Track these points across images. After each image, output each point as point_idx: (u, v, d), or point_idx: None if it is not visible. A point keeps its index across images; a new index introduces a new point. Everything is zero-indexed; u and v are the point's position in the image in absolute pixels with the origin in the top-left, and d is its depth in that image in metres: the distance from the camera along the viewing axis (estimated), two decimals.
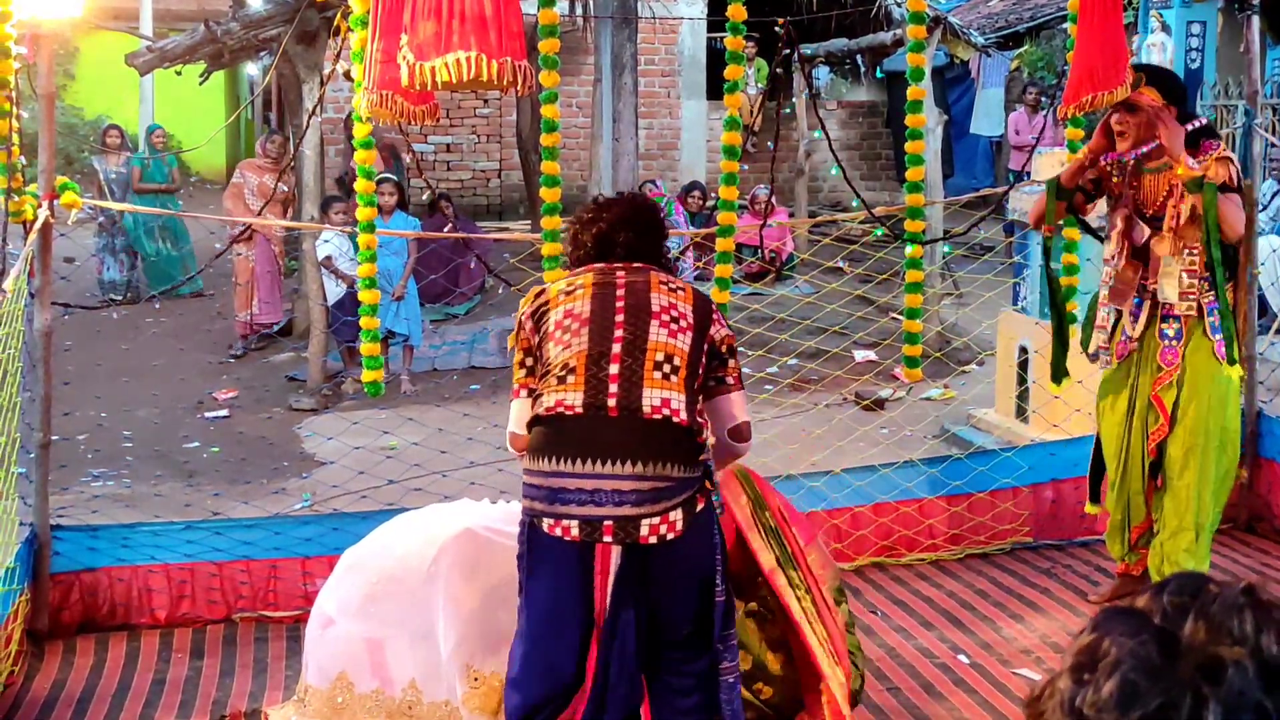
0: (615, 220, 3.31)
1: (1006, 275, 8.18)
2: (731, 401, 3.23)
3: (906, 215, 5.05)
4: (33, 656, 4.51)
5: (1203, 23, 11.38)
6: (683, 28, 14.99)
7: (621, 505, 2.99)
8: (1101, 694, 0.77)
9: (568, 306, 3.16)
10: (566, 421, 3.04)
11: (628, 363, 3.06)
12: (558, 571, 3.05)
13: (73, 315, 8.26)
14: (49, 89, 4.60)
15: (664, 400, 3.05)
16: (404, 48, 3.17)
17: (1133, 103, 4.28)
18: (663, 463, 3.01)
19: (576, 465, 3.00)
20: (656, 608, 3.09)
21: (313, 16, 9.03)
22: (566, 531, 3.01)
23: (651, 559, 3.04)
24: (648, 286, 3.20)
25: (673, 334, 3.12)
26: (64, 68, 19.24)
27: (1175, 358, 4.38)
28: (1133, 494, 4.56)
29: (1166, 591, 0.82)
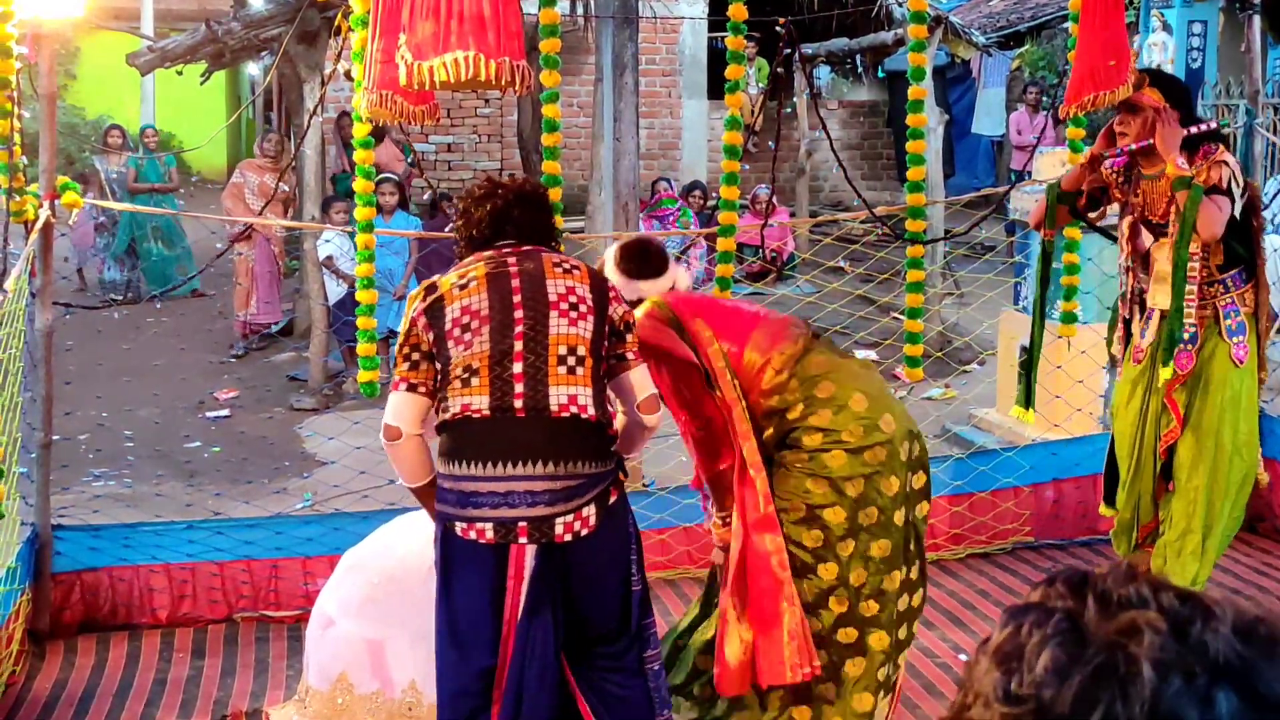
0: (510, 197, 3.25)
1: (1007, 275, 8.17)
2: (636, 376, 3.20)
3: (907, 215, 5.06)
4: (34, 656, 4.51)
5: (1204, 22, 11.38)
6: (684, 27, 14.99)
7: (535, 506, 2.99)
8: (1036, 671, 0.77)
9: (464, 303, 3.08)
10: (474, 425, 3.02)
11: (530, 360, 3.04)
12: (474, 576, 3.03)
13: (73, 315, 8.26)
14: (50, 89, 4.60)
15: (571, 397, 3.04)
16: (402, 47, 3.17)
17: (1134, 103, 4.27)
18: (573, 461, 3.02)
19: (487, 469, 2.99)
20: (576, 606, 3.09)
21: (313, 16, 9.03)
22: (481, 534, 3.00)
23: (567, 557, 3.04)
24: (542, 272, 3.13)
25: (573, 322, 3.08)
26: (65, 68, 19.24)
27: (1190, 360, 4.33)
28: (1143, 493, 4.54)
29: (1057, 582, 0.83)
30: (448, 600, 3.07)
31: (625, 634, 3.17)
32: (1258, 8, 6.35)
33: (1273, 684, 0.75)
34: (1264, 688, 0.75)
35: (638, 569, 3.19)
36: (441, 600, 3.10)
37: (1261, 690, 0.75)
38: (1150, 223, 4.36)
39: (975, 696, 0.81)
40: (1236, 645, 0.76)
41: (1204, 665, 0.75)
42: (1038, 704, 0.77)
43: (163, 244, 12.18)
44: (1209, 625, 0.77)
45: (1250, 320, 4.34)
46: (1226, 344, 4.30)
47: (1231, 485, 4.37)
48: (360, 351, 4.77)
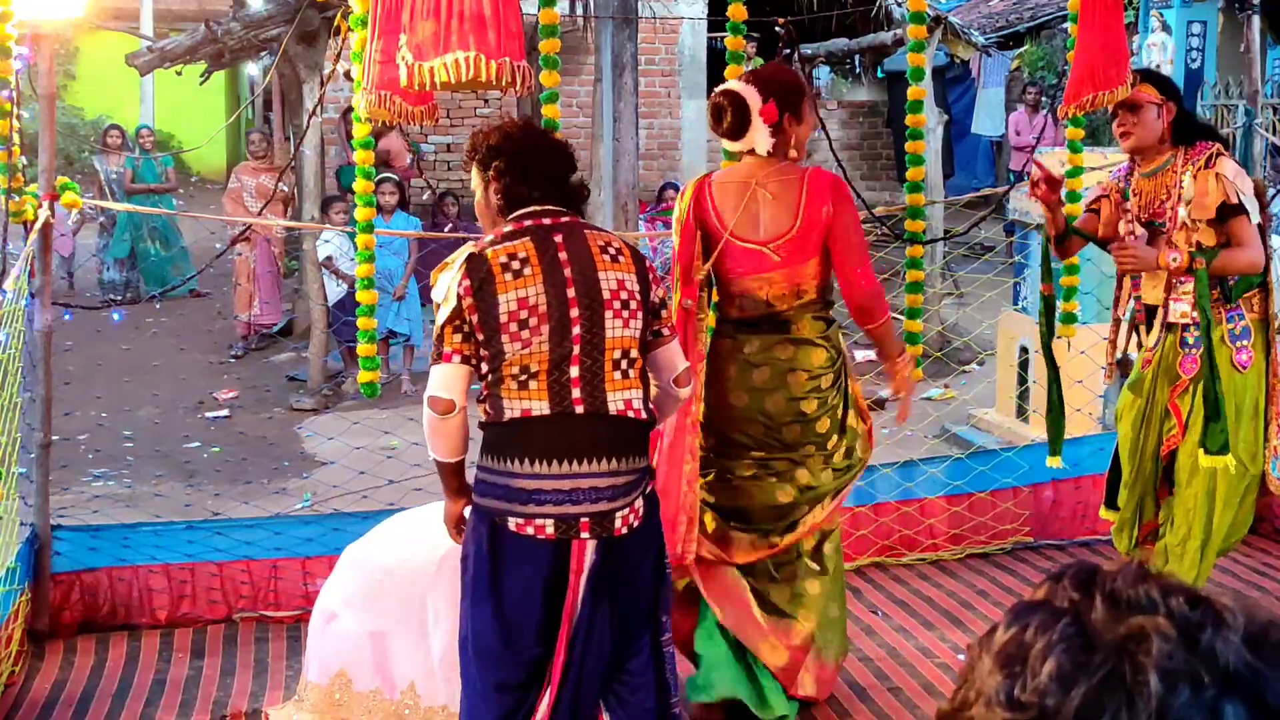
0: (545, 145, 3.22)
1: (1007, 275, 8.18)
2: (671, 351, 3.24)
3: (907, 215, 5.06)
4: (33, 656, 4.51)
5: (1203, 22, 11.39)
6: (683, 28, 14.99)
7: (598, 502, 3.02)
8: (1041, 678, 0.76)
9: (519, 294, 3.01)
10: (534, 424, 3.02)
11: (587, 364, 3.04)
12: (528, 570, 3.03)
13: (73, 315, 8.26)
14: (49, 89, 4.60)
15: (627, 401, 3.07)
16: (403, 48, 3.17)
17: (1132, 101, 4.25)
18: (630, 456, 3.07)
19: (552, 466, 3.00)
20: (621, 594, 3.11)
21: (313, 16, 9.03)
22: (540, 530, 3.00)
23: (619, 550, 3.07)
24: (591, 260, 3.09)
25: (626, 323, 3.09)
26: (64, 68, 19.25)
27: (1195, 365, 4.27)
28: (1145, 494, 4.49)
29: (1065, 579, 0.82)
30: (494, 593, 3.05)
31: (655, 619, 3.22)
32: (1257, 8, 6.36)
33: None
34: (1273, 699, 0.73)
35: (665, 553, 3.27)
36: (484, 594, 3.06)
37: (1270, 701, 0.73)
38: (1144, 222, 4.32)
39: (977, 695, 0.80)
40: (1246, 655, 0.75)
41: (1213, 675, 0.73)
42: (1040, 712, 0.76)
43: (159, 245, 12.18)
44: (1220, 633, 0.75)
45: (1258, 326, 4.26)
46: (1228, 349, 4.23)
47: (1233, 493, 4.30)
48: (360, 352, 4.76)
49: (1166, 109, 4.22)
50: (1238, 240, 4.14)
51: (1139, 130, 4.24)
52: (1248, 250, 4.13)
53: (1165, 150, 4.25)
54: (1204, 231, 4.16)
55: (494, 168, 3.17)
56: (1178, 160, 4.22)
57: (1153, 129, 4.22)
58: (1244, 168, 4.48)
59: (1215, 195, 4.10)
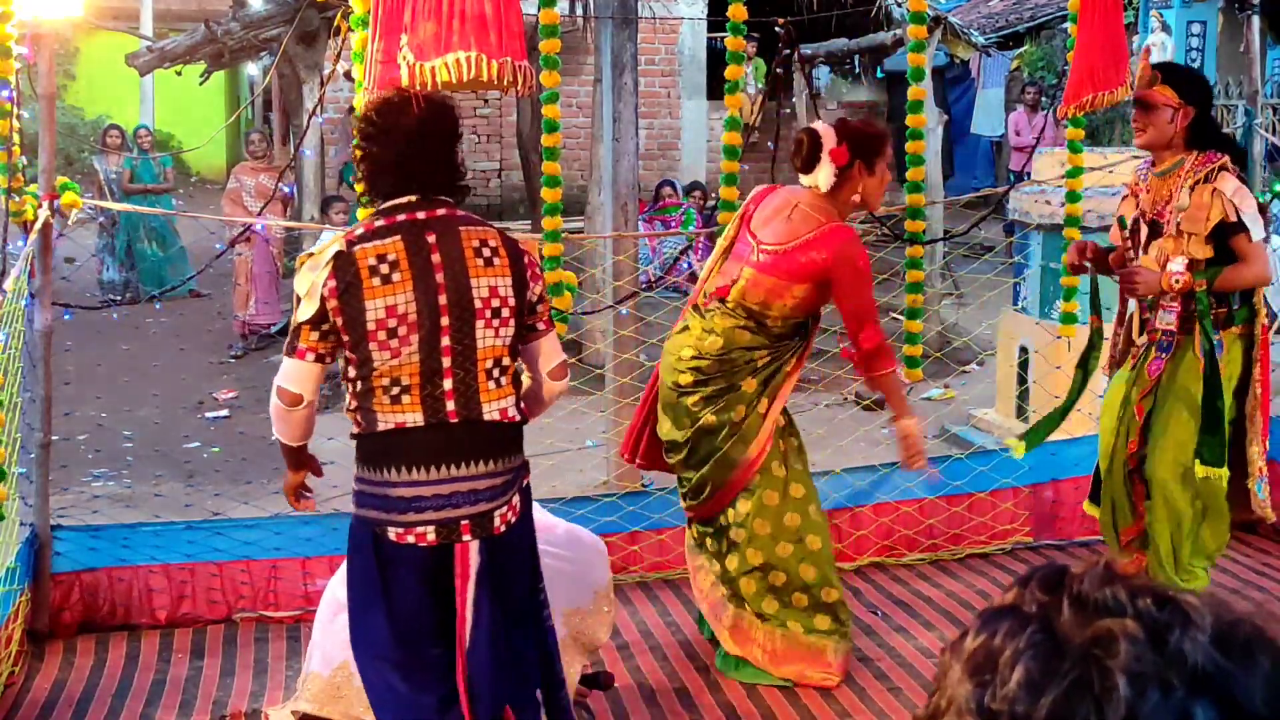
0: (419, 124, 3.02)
1: (1006, 275, 8.17)
2: (547, 345, 3.21)
3: (906, 215, 5.06)
4: (33, 656, 4.51)
5: (1203, 23, 11.38)
6: (683, 28, 14.99)
7: (477, 503, 3.02)
8: (1010, 686, 0.76)
9: (388, 301, 2.94)
10: (409, 434, 3.00)
11: (460, 375, 3.00)
12: (410, 577, 3.03)
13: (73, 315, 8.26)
14: (49, 89, 4.59)
15: (501, 410, 3.06)
16: (404, 48, 3.17)
17: (1147, 101, 4.17)
18: (506, 456, 3.08)
19: (430, 473, 2.98)
20: (505, 590, 3.13)
21: (313, 16, 9.03)
22: (421, 538, 2.99)
23: (500, 547, 3.09)
24: (464, 264, 3.00)
25: (497, 332, 3.05)
26: (64, 68, 19.25)
27: (1158, 369, 4.26)
28: (1116, 496, 4.46)
29: (1033, 583, 0.82)
30: (385, 600, 3.05)
31: (534, 601, 3.26)
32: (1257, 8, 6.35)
33: (1252, 695, 0.74)
34: (1243, 699, 0.73)
35: (535, 539, 3.29)
36: (375, 601, 3.06)
37: (1240, 700, 0.73)
38: (1155, 222, 4.26)
39: (949, 703, 0.80)
40: (1215, 655, 0.75)
41: (1181, 677, 0.73)
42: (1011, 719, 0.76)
43: (156, 245, 12.19)
44: (1187, 633, 0.75)
45: (1236, 339, 4.20)
46: (1198, 360, 4.16)
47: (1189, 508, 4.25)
48: None
49: (1183, 112, 4.14)
50: (1241, 257, 4.09)
51: (1151, 131, 4.18)
52: (1252, 266, 4.10)
53: (1178, 152, 4.19)
54: (1195, 243, 4.11)
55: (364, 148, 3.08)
56: (1186, 164, 4.17)
57: (1165, 131, 4.16)
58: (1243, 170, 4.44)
59: (1214, 212, 4.06)
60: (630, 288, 5.84)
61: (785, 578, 4.22)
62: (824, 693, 4.20)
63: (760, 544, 4.20)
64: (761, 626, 4.25)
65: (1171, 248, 4.16)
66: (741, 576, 4.23)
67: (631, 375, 5.80)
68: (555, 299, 4.74)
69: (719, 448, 4.15)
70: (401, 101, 3.07)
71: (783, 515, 4.21)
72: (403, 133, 3.03)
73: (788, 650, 4.25)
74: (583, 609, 3.77)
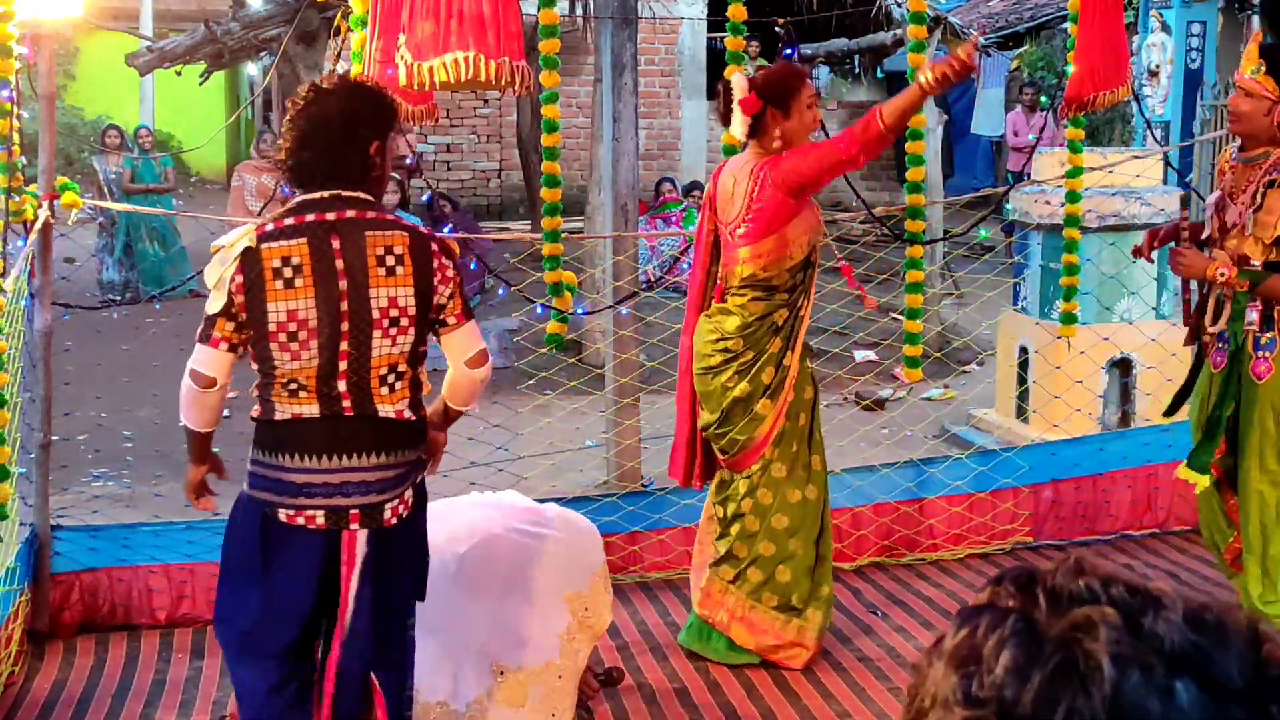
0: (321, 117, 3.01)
1: (1006, 275, 8.17)
2: (461, 336, 3.20)
3: (906, 215, 5.06)
4: (33, 656, 4.51)
5: (1203, 23, 11.38)
6: (683, 28, 14.99)
7: (368, 494, 3.06)
8: (996, 673, 0.78)
9: (289, 306, 2.99)
10: (305, 424, 3.05)
11: (354, 380, 3.04)
12: (298, 557, 3.07)
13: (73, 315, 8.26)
14: (49, 89, 4.60)
15: (396, 412, 3.10)
16: (402, 48, 3.17)
17: (1246, 89, 4.00)
18: (400, 450, 3.11)
19: (321, 461, 3.04)
20: (386, 583, 3.14)
21: (313, 16, 9.03)
22: (311, 520, 3.04)
23: (390, 539, 3.11)
24: (365, 271, 3.01)
25: (393, 341, 3.06)
26: (64, 68, 19.25)
27: (1222, 361, 4.12)
28: (1208, 513, 4.31)
29: (1005, 582, 0.84)
30: (264, 578, 3.10)
31: (412, 605, 3.27)
32: (1257, 8, 6.35)
33: (1230, 671, 0.75)
34: (1222, 676, 0.75)
35: (426, 540, 3.31)
36: (253, 578, 3.11)
37: (1220, 679, 0.75)
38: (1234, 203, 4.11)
39: (932, 700, 0.81)
40: (1190, 634, 0.76)
41: (1160, 657, 0.75)
42: (999, 705, 0.77)
43: (157, 245, 12.18)
44: (1160, 615, 0.77)
45: None
46: (1250, 357, 4.06)
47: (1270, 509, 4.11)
48: None
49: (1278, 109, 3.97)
50: None
51: (1244, 120, 4.03)
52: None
53: (1267, 144, 4.03)
54: (1252, 245, 4.00)
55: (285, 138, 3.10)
56: (1272, 157, 4.01)
57: (1260, 123, 4.00)
58: None
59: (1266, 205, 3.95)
60: (630, 288, 5.84)
61: (774, 548, 4.31)
62: (824, 692, 4.20)
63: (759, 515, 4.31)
64: (734, 592, 4.32)
65: (1234, 244, 4.05)
66: (736, 541, 4.33)
67: (631, 375, 5.80)
68: (555, 299, 4.74)
69: (751, 409, 4.24)
70: (319, 92, 3.08)
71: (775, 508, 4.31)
72: (312, 123, 3.04)
73: (757, 621, 4.31)
74: (583, 592, 3.78)
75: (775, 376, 4.24)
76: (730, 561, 4.34)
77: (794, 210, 4.16)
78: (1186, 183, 7.29)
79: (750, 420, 4.24)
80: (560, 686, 3.70)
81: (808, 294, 4.32)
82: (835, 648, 4.54)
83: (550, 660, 3.68)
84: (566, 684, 3.72)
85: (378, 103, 3.12)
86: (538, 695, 3.66)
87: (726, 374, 4.24)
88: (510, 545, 3.72)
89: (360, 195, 3.08)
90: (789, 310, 4.26)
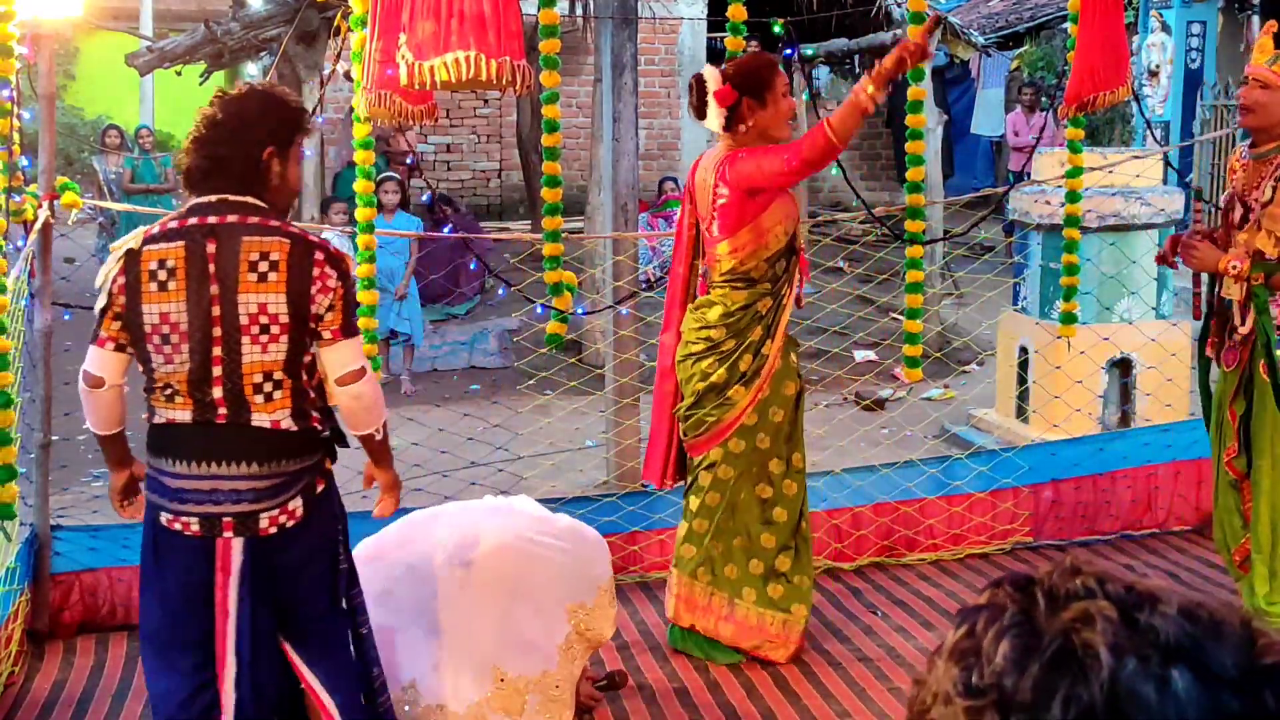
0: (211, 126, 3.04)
1: (1006, 275, 8.18)
2: (333, 354, 3.11)
3: (906, 215, 5.06)
4: (33, 656, 4.51)
5: (1203, 23, 11.38)
6: (683, 28, 14.99)
7: (240, 502, 3.02)
8: (996, 662, 0.79)
9: (162, 309, 3.00)
10: (179, 429, 3.05)
11: (229, 386, 3.01)
12: (180, 563, 3.07)
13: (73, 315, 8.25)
14: (49, 89, 4.60)
15: (273, 422, 3.04)
16: (403, 47, 3.17)
17: (1265, 80, 3.94)
18: (277, 460, 3.05)
19: (193, 467, 3.03)
20: (287, 595, 3.11)
21: (313, 16, 9.03)
22: (186, 527, 3.04)
23: (276, 549, 3.07)
24: (237, 277, 2.98)
25: (265, 348, 3.00)
26: (64, 68, 19.23)
27: (1234, 359, 4.11)
28: (1224, 512, 4.30)
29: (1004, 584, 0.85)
30: (159, 581, 3.10)
31: (336, 610, 3.22)
32: (1257, 8, 6.35)
33: (1224, 661, 0.77)
34: (1216, 666, 0.77)
35: (344, 549, 3.24)
36: (151, 581, 3.12)
37: (1214, 669, 0.77)
38: (1245, 203, 4.10)
39: (934, 697, 0.82)
40: (1185, 626, 0.78)
41: (1156, 647, 0.77)
42: (999, 693, 0.78)
43: None
44: (1156, 610, 0.79)
45: None
46: (1262, 354, 4.04)
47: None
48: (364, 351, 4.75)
49: None
50: None
51: (1260, 111, 3.97)
52: None
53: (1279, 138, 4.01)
54: (1265, 239, 3.98)
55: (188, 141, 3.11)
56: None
57: (1275, 113, 3.96)
58: None
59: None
60: (630, 288, 5.84)
61: (745, 541, 4.31)
62: (824, 693, 4.20)
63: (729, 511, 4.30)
64: (716, 594, 4.33)
65: (1245, 239, 4.03)
66: (706, 539, 4.32)
67: (631, 375, 5.80)
68: (555, 299, 4.74)
69: (725, 394, 4.24)
70: (220, 98, 3.12)
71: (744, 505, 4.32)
72: (205, 127, 3.07)
73: (741, 619, 4.33)
74: (586, 604, 3.77)
75: (752, 364, 4.24)
76: (703, 563, 4.33)
77: (763, 203, 4.16)
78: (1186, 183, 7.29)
79: (721, 404, 4.24)
80: (557, 695, 3.70)
81: (791, 282, 4.32)
82: (835, 648, 4.54)
83: (548, 670, 3.68)
84: (564, 693, 3.72)
85: (279, 110, 3.12)
86: (535, 703, 3.66)
87: (707, 360, 4.25)
88: (518, 554, 3.72)
89: (248, 200, 3.05)
90: (772, 299, 4.27)
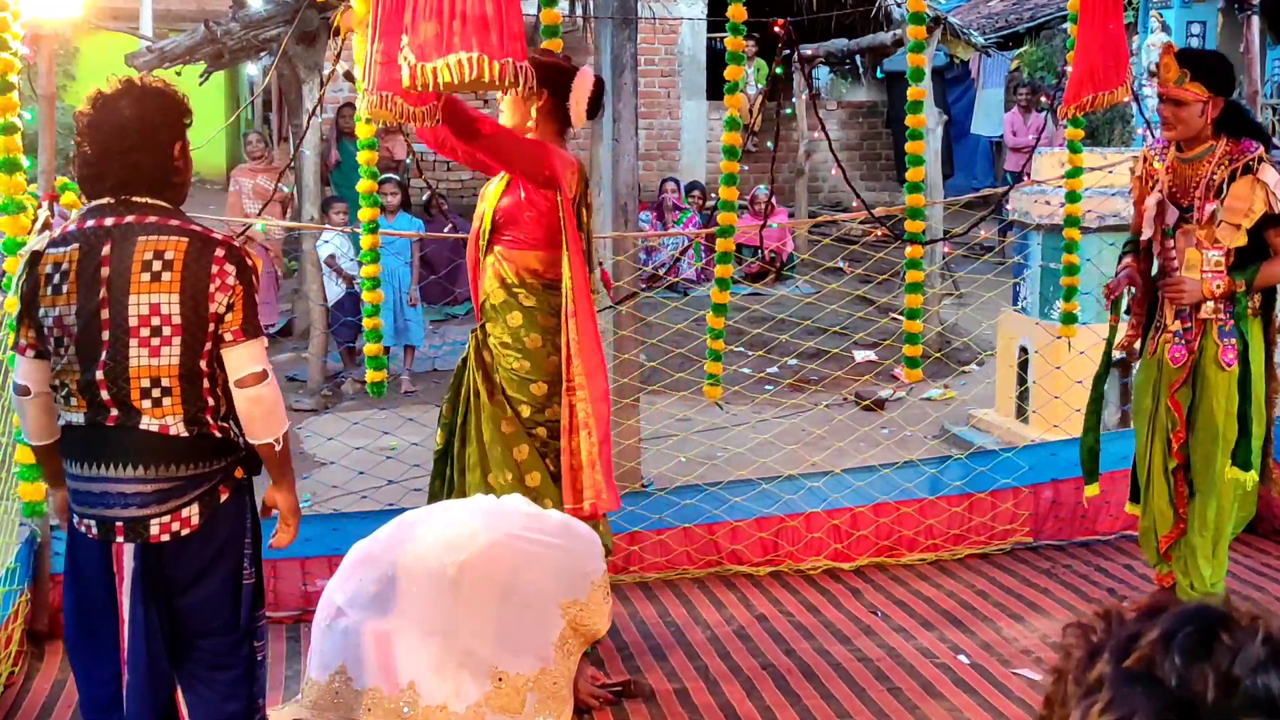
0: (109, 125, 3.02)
1: (1006, 276, 8.18)
2: (235, 356, 3.03)
3: (906, 215, 5.06)
4: (33, 656, 4.51)
5: (1203, 23, 11.39)
6: (683, 28, 14.99)
7: (128, 507, 3.00)
8: None
9: (55, 311, 2.99)
10: (74, 430, 3.05)
11: (115, 390, 2.98)
12: (87, 565, 3.09)
13: None
14: (49, 89, 4.60)
15: (162, 427, 3.00)
16: (405, 48, 3.17)
17: (1177, 98, 4.19)
18: (168, 465, 3.01)
19: (85, 469, 3.02)
20: (180, 604, 3.09)
21: (313, 17, 9.03)
22: (89, 530, 3.06)
23: (169, 557, 3.04)
24: (128, 278, 2.93)
25: (155, 352, 2.95)
26: (64, 68, 19.21)
27: (1183, 355, 4.30)
28: (1158, 500, 4.46)
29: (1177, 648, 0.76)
30: (73, 586, 3.13)
31: (235, 628, 3.17)
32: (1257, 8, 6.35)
33: None
34: None
35: (250, 563, 3.18)
36: (70, 582, 3.15)
37: None
38: (1179, 205, 4.29)
39: None
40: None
41: None
42: None
43: None
44: None
45: (1254, 322, 4.26)
46: (1216, 346, 4.26)
47: (1235, 490, 4.34)
48: (367, 352, 4.77)
49: (1213, 104, 4.18)
50: (1276, 250, 4.19)
51: (1181, 127, 4.22)
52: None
53: (1207, 139, 4.23)
54: (1227, 231, 4.17)
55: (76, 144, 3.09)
56: (1218, 150, 4.21)
57: (1195, 124, 4.20)
58: None
59: (1257, 204, 4.12)
60: (630, 288, 5.84)
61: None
62: (824, 693, 4.20)
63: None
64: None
65: (1204, 235, 4.21)
66: None
67: (631, 375, 5.80)
68: None
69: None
70: (106, 99, 3.08)
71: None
72: (107, 132, 3.05)
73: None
74: (580, 600, 3.77)
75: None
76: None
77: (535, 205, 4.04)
78: None
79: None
80: (556, 693, 3.70)
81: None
82: (835, 648, 4.54)
83: (545, 667, 3.68)
84: (562, 690, 3.72)
85: (171, 103, 3.11)
86: (533, 702, 3.66)
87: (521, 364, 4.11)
88: (511, 552, 3.71)
89: (149, 201, 3.03)
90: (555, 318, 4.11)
